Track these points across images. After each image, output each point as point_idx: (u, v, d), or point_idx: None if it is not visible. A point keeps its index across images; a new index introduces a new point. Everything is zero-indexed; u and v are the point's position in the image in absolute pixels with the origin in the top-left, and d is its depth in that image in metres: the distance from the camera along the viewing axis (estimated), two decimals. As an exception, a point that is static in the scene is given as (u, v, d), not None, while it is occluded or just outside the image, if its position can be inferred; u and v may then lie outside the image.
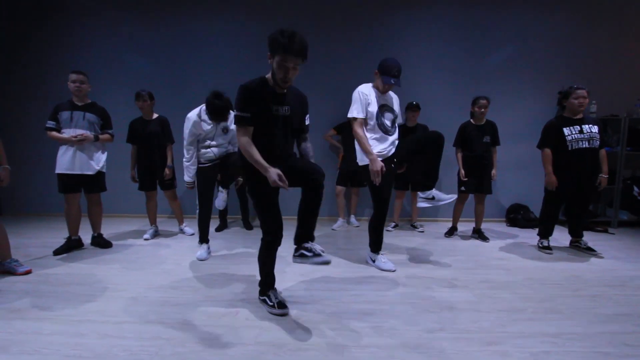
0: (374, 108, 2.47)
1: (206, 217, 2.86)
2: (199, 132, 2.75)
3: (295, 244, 1.87)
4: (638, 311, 1.94)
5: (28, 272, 2.46)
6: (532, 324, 1.78)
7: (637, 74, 4.25)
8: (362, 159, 2.53)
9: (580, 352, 1.54)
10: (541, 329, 1.73)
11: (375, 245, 2.68)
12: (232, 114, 2.73)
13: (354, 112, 2.48)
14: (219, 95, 2.60)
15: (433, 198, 2.52)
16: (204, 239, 2.90)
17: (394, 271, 2.56)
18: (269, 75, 1.76)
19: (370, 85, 2.55)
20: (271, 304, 1.91)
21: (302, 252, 1.81)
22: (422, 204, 2.58)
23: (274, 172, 1.61)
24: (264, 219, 1.84)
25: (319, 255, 1.76)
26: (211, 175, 2.83)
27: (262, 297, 1.99)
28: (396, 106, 2.63)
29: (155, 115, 3.45)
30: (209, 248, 2.94)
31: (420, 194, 2.59)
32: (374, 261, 2.68)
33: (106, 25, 4.43)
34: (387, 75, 2.41)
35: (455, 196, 2.55)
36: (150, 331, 1.69)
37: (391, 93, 2.63)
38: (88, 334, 1.67)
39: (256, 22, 4.34)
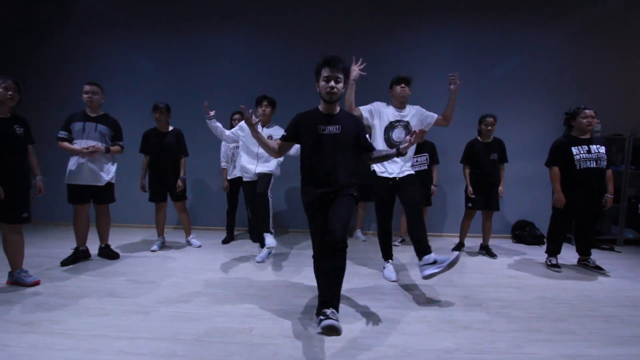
0: (382, 123, 2.64)
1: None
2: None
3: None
4: (653, 333, 1.94)
5: (36, 283, 2.44)
6: (548, 345, 1.77)
7: (640, 95, 4.33)
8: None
9: (600, 375, 1.53)
10: (558, 351, 1.72)
11: (384, 253, 2.86)
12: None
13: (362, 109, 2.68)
14: None
15: (435, 262, 2.28)
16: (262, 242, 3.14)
17: (394, 281, 2.69)
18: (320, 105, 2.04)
19: (386, 103, 2.73)
20: (318, 319, 1.65)
21: (320, 318, 1.62)
22: (428, 271, 2.26)
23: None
24: (312, 238, 2.03)
25: (329, 319, 1.56)
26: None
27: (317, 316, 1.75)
28: (415, 120, 2.70)
29: (170, 128, 3.49)
30: (269, 253, 3.27)
31: (419, 263, 2.39)
32: (384, 268, 2.86)
33: (119, 36, 4.52)
34: (394, 82, 2.70)
35: (456, 253, 2.30)
36: (165, 348, 1.68)
37: (412, 108, 2.73)
38: (102, 349, 1.66)
39: (267, 39, 4.44)
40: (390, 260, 2.85)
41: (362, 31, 4.40)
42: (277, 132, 3.12)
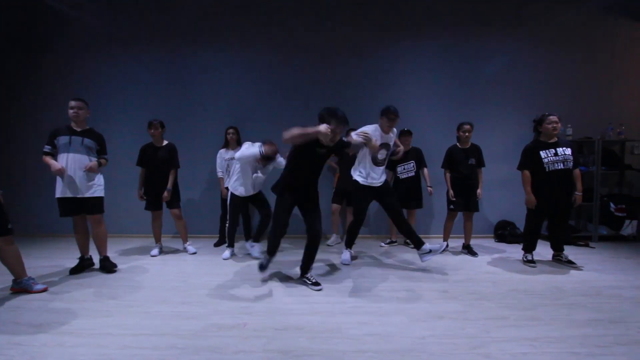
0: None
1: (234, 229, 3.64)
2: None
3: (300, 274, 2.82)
4: (609, 317, 2.14)
5: (44, 290, 2.59)
6: (513, 330, 1.97)
7: (608, 100, 4.63)
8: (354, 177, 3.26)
9: (554, 352, 1.73)
10: (522, 334, 1.92)
11: (348, 243, 3.44)
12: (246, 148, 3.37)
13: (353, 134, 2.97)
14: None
15: (430, 251, 3.09)
16: (231, 244, 3.66)
17: (347, 265, 3.29)
18: None
19: (375, 125, 3.10)
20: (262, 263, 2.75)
21: (304, 280, 2.76)
22: (427, 258, 3.12)
23: (323, 126, 2.36)
24: (276, 217, 2.67)
25: (314, 284, 2.68)
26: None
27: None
28: (392, 141, 3.24)
29: (165, 142, 3.68)
30: (232, 252, 3.67)
31: (418, 252, 3.15)
32: (343, 252, 3.46)
33: (116, 53, 4.72)
34: (386, 115, 3.04)
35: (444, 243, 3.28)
36: (166, 342, 1.84)
37: (393, 130, 3.17)
38: (108, 345, 1.82)
39: (259, 55, 4.68)
40: (350, 249, 3.43)
41: (348, 46, 4.66)
42: (244, 146, 3.34)
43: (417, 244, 3.10)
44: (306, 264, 2.75)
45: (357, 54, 4.66)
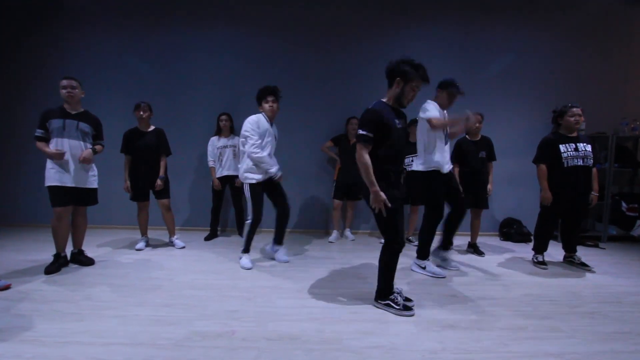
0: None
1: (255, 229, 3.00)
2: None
3: None
4: (636, 329, 1.95)
5: (7, 287, 2.33)
6: (534, 343, 1.76)
7: (623, 94, 4.40)
8: (424, 165, 2.76)
9: (584, 373, 1.52)
10: (544, 349, 1.71)
11: (445, 243, 3.01)
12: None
13: (434, 112, 2.68)
14: None
15: (425, 268, 2.84)
16: (248, 249, 3.01)
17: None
18: (385, 100, 2.09)
19: (434, 102, 2.78)
20: (398, 307, 2.06)
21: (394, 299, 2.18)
22: (414, 268, 2.91)
23: (381, 194, 1.92)
24: (392, 229, 2.02)
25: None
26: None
27: (384, 302, 2.12)
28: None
29: (151, 127, 3.39)
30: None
31: (416, 261, 2.90)
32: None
33: (102, 31, 4.38)
34: (453, 87, 2.72)
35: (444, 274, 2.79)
36: (141, 354, 1.61)
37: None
38: (75, 357, 1.58)
39: (254, 35, 4.36)
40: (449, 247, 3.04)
41: (353, 29, 4.35)
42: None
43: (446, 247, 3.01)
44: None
45: (358, 39, 4.36)
